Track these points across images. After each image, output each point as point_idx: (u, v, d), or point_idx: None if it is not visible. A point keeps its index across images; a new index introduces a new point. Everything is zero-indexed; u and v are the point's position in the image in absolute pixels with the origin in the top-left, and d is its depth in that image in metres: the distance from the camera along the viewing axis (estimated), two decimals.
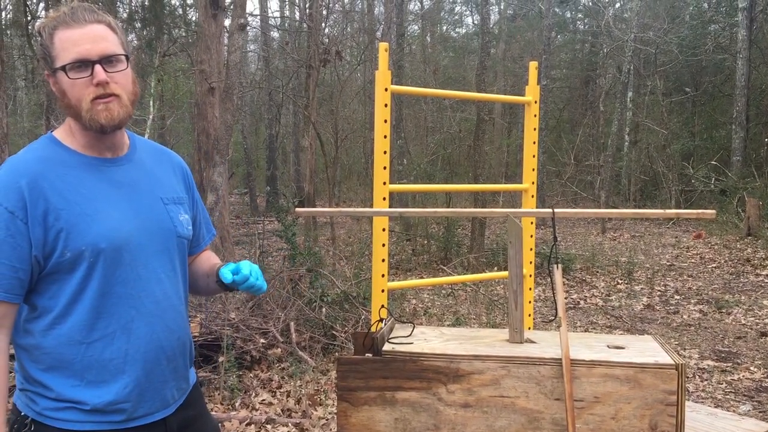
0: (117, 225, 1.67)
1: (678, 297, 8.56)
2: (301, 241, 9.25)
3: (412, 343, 2.09)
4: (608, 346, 2.10)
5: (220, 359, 4.82)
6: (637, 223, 17.92)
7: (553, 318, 2.16)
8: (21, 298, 1.63)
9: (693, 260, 11.43)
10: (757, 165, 20.66)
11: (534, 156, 2.86)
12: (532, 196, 2.89)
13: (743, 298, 8.35)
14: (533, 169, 2.88)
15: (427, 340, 2.15)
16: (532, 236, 2.94)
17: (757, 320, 7.21)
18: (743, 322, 7.18)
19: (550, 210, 2.10)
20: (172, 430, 1.79)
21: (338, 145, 12.51)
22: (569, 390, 1.91)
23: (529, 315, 2.94)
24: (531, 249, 2.95)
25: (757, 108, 23.34)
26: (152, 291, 1.74)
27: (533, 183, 2.89)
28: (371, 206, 2.63)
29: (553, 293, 2.02)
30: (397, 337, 2.16)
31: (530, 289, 2.97)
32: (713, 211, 2.03)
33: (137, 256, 1.71)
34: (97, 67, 1.62)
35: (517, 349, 2.06)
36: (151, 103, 18.12)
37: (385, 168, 2.48)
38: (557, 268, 2.08)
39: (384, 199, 2.49)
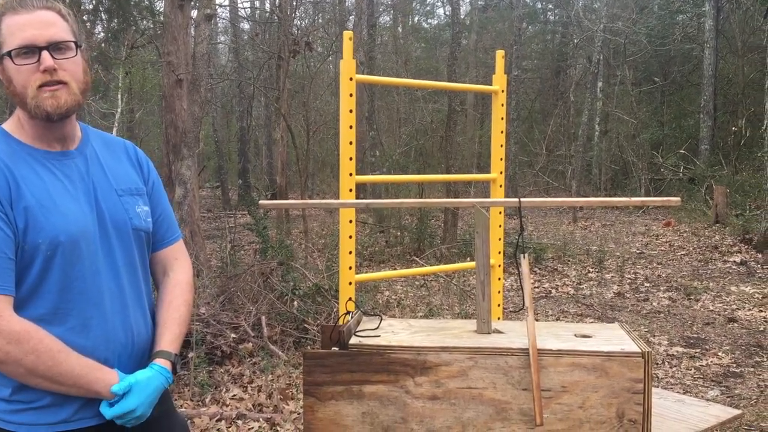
0: (74, 218, 1.62)
1: (648, 284, 8.66)
2: (273, 234, 9.18)
3: (379, 336, 2.07)
4: (575, 335, 2.10)
5: (190, 355, 4.76)
6: (608, 212, 18.11)
7: (520, 309, 2.16)
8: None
9: (662, 248, 11.58)
10: (724, 153, 20.99)
11: (502, 145, 2.85)
12: (501, 186, 2.88)
13: (711, 284, 8.48)
14: (501, 159, 2.86)
15: (394, 332, 2.12)
16: (500, 226, 2.93)
17: (725, 306, 7.33)
18: (711, 308, 7.28)
19: (517, 200, 2.09)
20: (134, 426, 1.74)
21: (309, 137, 12.43)
22: (536, 380, 1.90)
23: (499, 305, 2.94)
24: (500, 239, 2.94)
25: (724, 97, 23.69)
26: (110, 286, 1.69)
27: (501, 173, 2.87)
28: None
29: (521, 283, 2.01)
30: (365, 330, 2.14)
31: (499, 279, 2.96)
32: (677, 199, 2.03)
33: (95, 251, 1.66)
34: (44, 54, 1.57)
35: (484, 340, 2.04)
36: (119, 96, 17.84)
37: (351, 159, 2.45)
38: (524, 257, 2.06)
39: (350, 190, 2.46)
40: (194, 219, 7.70)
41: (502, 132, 2.85)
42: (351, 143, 2.44)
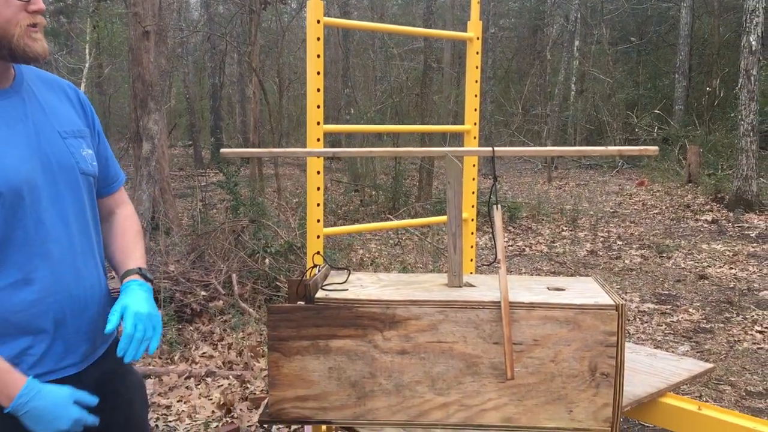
0: (14, 165, 1.50)
1: (620, 242, 8.71)
2: (246, 194, 9.05)
3: (346, 290, 2.00)
4: (548, 288, 2.05)
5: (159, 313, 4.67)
6: (582, 171, 18.17)
7: (493, 261, 2.10)
8: None
9: (635, 207, 11.65)
10: (698, 114, 21.09)
11: (476, 95, 2.76)
12: (475, 138, 2.80)
13: (683, 242, 8.55)
14: (475, 110, 2.77)
15: (363, 286, 2.06)
16: (474, 179, 2.85)
17: (696, 263, 7.39)
18: (683, 265, 7.34)
19: (490, 148, 2.01)
20: (88, 386, 1.65)
21: (282, 93, 12.19)
22: (508, 333, 1.85)
23: (471, 260, 2.88)
24: (473, 192, 2.87)
25: (699, 57, 23.72)
26: (58, 236, 1.58)
27: (475, 124, 2.79)
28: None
29: (493, 235, 1.94)
30: (332, 284, 2.07)
31: (472, 233, 2.89)
32: (655, 148, 1.96)
33: (39, 198, 1.54)
34: None
35: (455, 293, 1.98)
36: (87, 50, 17.32)
37: (318, 107, 2.34)
38: (497, 209, 1.99)
39: (318, 140, 2.36)
40: (164, 176, 7.54)
41: (476, 81, 2.76)
42: (318, 90, 2.34)
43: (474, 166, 2.83)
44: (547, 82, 22.04)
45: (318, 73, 2.32)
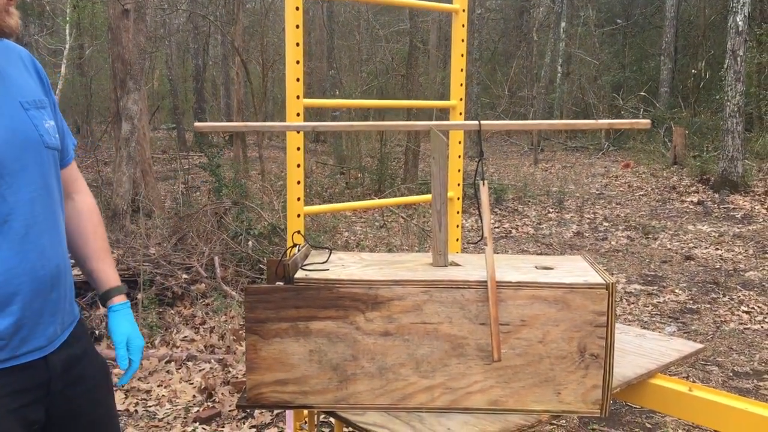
0: None
1: (607, 224, 8.69)
2: (230, 176, 8.93)
3: (327, 270, 1.92)
4: (536, 267, 1.98)
5: (139, 296, 4.58)
6: (569, 153, 18.16)
7: (479, 239, 2.03)
8: None
9: (621, 189, 11.64)
10: (683, 96, 21.10)
11: (462, 70, 2.67)
12: (461, 114, 2.72)
13: (669, 224, 8.54)
14: (461, 85, 2.69)
15: (344, 266, 1.98)
16: (460, 156, 2.78)
17: (682, 245, 7.38)
18: (669, 246, 7.33)
19: (477, 122, 1.93)
20: (55, 370, 1.57)
21: (266, 74, 12.02)
22: (494, 314, 1.78)
23: (457, 240, 2.81)
24: (459, 170, 2.80)
25: (685, 39, 23.70)
26: (22, 213, 1.48)
27: (461, 99, 2.70)
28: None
29: (479, 212, 1.87)
30: (312, 263, 1.99)
31: (457, 212, 2.82)
32: (647, 121, 1.90)
33: (1, 174, 1.45)
34: None
35: (440, 272, 1.91)
36: (68, 30, 17.02)
37: (298, 80, 2.25)
38: (483, 185, 1.92)
39: (298, 114, 2.27)
40: (145, 158, 7.40)
41: (462, 55, 2.67)
42: (298, 62, 2.24)
43: (460, 143, 2.76)
44: (533, 64, 21.96)
45: (297, 44, 2.23)
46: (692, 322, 4.83)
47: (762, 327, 4.67)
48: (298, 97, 2.26)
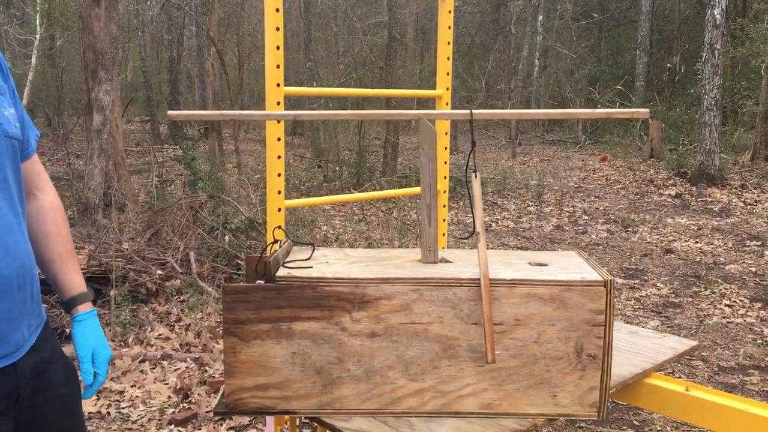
0: None
1: (586, 217, 8.67)
2: (206, 169, 8.75)
3: (311, 267, 1.82)
4: (530, 264, 1.90)
5: (111, 293, 4.42)
6: (546, 147, 18.19)
7: (469, 235, 1.93)
8: None
9: (599, 182, 11.64)
10: (659, 90, 21.24)
11: (448, 58, 2.57)
12: (447, 104, 2.62)
13: (648, 217, 8.54)
14: (448, 74, 2.59)
15: (328, 263, 1.87)
16: (446, 148, 2.68)
17: (662, 238, 7.37)
18: (649, 240, 7.31)
19: (468, 111, 1.83)
20: (24, 376, 1.46)
21: (242, 66, 11.82)
22: (488, 313, 1.69)
23: (444, 234, 2.72)
24: (445, 162, 2.70)
25: (660, 33, 23.87)
26: None
27: (448, 89, 2.60)
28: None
29: (471, 205, 1.76)
30: (295, 260, 1.88)
31: (444, 206, 2.73)
32: (647, 110, 1.81)
33: None
34: None
35: (430, 270, 1.81)
36: (38, 21, 16.63)
37: (278, 67, 2.13)
38: (476, 177, 1.82)
39: (278, 103, 2.15)
40: (117, 150, 7.21)
41: (449, 43, 2.57)
42: (278, 48, 2.12)
43: (446, 134, 2.66)
44: (510, 57, 21.95)
45: (277, 29, 2.11)
46: (675, 316, 4.80)
47: (745, 321, 4.65)
48: (278, 84, 2.14)
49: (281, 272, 1.76)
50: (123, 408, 3.42)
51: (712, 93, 10.45)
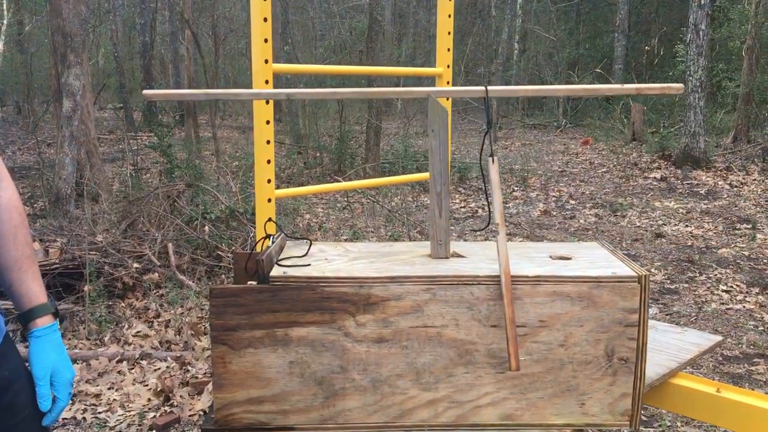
0: None
1: (573, 202, 8.53)
2: (183, 157, 8.47)
3: (309, 265, 1.62)
4: (551, 257, 1.71)
5: (85, 288, 4.18)
6: (527, 131, 18.07)
7: (486, 225, 1.73)
8: None
9: (583, 166, 11.53)
10: (637, 72, 21.20)
11: (449, 33, 2.36)
12: (448, 82, 2.42)
13: (635, 200, 8.42)
14: (449, 50, 2.39)
15: (328, 260, 1.68)
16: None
17: (651, 222, 7.25)
18: (638, 224, 7.19)
19: (482, 88, 1.63)
20: None
21: (218, 49, 11.49)
22: (510, 314, 1.51)
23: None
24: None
25: (637, 16, 23.82)
26: None
27: (449, 66, 2.40)
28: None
29: (486, 193, 1.57)
30: (290, 257, 1.68)
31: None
32: (680, 85, 1.62)
33: None
34: None
35: (442, 266, 1.63)
36: (5, 5, 16.11)
37: (266, 41, 1.91)
38: (493, 161, 1.63)
39: (267, 81, 1.94)
40: (90, 138, 6.91)
41: (450, 16, 2.36)
42: (266, 20, 1.91)
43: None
44: (490, 41, 21.77)
45: None
46: (673, 303, 4.66)
47: (744, 307, 4.53)
48: (266, 61, 1.93)
49: (275, 271, 1.56)
50: (100, 413, 3.20)
51: (697, 74, 10.35)
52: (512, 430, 1.62)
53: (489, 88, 1.62)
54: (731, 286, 4.95)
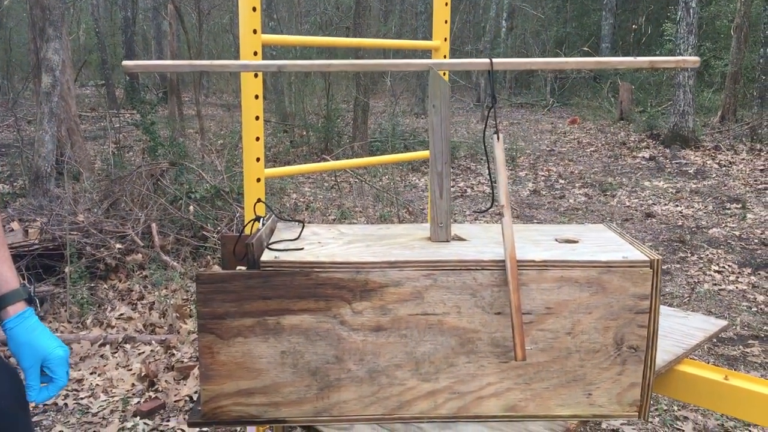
0: None
1: (562, 181, 8.47)
2: (166, 135, 8.30)
3: (302, 249, 1.52)
4: (557, 240, 1.63)
5: (66, 270, 4.06)
6: (514, 110, 17.98)
7: (489, 207, 1.65)
8: None
9: (571, 145, 11.47)
10: (625, 51, 21.12)
11: (447, 4, 2.26)
12: (445, 56, 2.31)
13: (624, 180, 8.38)
14: (446, 21, 2.28)
15: (322, 243, 1.58)
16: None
17: (641, 201, 7.21)
18: (628, 203, 7.15)
19: (487, 60, 1.53)
20: None
21: (201, 24, 11.25)
22: (516, 301, 1.42)
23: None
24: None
25: None
26: None
27: (446, 39, 2.29)
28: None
29: (489, 173, 1.47)
30: (281, 241, 1.58)
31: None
32: (696, 59, 1.53)
33: None
34: None
35: (444, 250, 1.53)
36: None
37: (254, 9, 1.80)
38: (498, 139, 1.53)
39: (255, 53, 1.82)
40: (70, 114, 6.73)
41: None
42: None
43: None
44: (478, 18, 21.58)
45: None
46: (665, 284, 4.62)
47: (737, 287, 4.50)
48: (254, 31, 1.81)
49: (266, 256, 1.47)
50: (82, 399, 3.10)
51: (687, 53, 10.27)
52: (516, 421, 1.55)
53: (494, 60, 1.52)
54: (723, 267, 4.92)
